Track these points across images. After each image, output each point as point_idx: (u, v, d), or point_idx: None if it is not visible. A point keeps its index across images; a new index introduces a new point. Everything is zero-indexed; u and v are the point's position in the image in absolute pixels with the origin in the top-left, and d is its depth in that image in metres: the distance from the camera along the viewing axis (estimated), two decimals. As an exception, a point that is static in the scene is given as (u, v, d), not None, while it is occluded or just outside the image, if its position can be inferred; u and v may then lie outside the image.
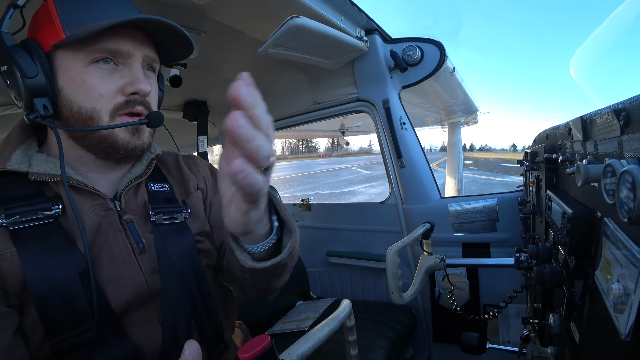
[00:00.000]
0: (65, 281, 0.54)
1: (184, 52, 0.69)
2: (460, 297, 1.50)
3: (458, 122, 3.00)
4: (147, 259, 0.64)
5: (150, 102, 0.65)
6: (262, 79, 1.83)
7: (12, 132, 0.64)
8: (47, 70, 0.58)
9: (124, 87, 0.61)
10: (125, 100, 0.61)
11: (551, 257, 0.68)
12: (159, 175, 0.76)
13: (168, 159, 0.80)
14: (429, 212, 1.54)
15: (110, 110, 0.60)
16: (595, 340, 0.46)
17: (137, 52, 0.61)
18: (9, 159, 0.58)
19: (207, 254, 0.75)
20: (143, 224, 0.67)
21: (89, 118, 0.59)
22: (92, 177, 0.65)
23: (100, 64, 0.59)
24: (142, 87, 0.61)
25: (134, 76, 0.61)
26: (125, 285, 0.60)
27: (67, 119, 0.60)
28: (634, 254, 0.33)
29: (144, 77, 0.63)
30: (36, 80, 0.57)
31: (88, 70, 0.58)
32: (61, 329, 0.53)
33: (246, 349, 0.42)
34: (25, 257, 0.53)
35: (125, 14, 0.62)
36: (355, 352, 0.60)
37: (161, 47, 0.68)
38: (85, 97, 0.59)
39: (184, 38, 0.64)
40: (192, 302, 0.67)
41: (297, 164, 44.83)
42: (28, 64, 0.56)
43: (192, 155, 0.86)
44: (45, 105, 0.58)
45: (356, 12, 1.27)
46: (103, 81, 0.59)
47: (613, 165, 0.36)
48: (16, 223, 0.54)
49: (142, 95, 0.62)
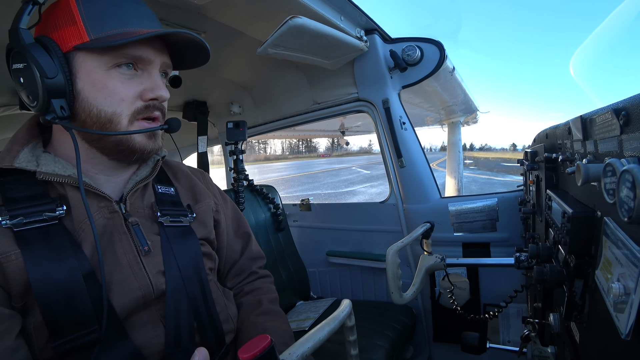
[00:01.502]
0: (69, 283, 0.54)
1: (199, 62, 0.71)
2: (460, 296, 1.50)
3: (458, 121, 3.00)
4: (152, 262, 0.64)
5: (165, 107, 0.67)
6: (262, 79, 1.83)
7: (19, 131, 0.64)
8: (65, 71, 0.57)
9: (143, 93, 0.62)
10: (144, 105, 0.63)
11: (551, 256, 0.68)
12: (165, 178, 0.77)
13: (176, 166, 0.83)
14: (429, 212, 1.54)
15: (130, 115, 0.61)
16: (596, 339, 0.46)
17: (157, 59, 0.63)
18: (17, 157, 0.58)
19: (209, 257, 0.76)
20: (149, 226, 0.67)
21: (108, 121, 0.60)
22: (99, 180, 0.65)
23: (123, 68, 0.60)
24: (162, 93, 0.64)
25: (154, 83, 0.63)
26: (130, 288, 0.60)
27: (83, 121, 0.60)
28: (634, 253, 0.33)
29: (162, 83, 0.65)
30: (55, 80, 0.56)
31: (110, 74, 0.59)
32: (64, 331, 0.53)
33: (246, 349, 0.42)
34: (29, 259, 0.53)
35: (149, 21, 0.63)
36: (355, 351, 0.60)
37: (176, 53, 0.69)
38: (106, 101, 0.59)
39: (203, 50, 0.67)
40: (195, 305, 0.67)
41: (297, 163, 44.82)
42: (48, 64, 0.55)
43: (202, 170, 0.91)
44: (63, 107, 0.58)
45: (356, 12, 1.27)
46: (124, 86, 0.60)
47: (613, 164, 0.36)
48: (20, 224, 0.54)
49: (160, 101, 0.64)
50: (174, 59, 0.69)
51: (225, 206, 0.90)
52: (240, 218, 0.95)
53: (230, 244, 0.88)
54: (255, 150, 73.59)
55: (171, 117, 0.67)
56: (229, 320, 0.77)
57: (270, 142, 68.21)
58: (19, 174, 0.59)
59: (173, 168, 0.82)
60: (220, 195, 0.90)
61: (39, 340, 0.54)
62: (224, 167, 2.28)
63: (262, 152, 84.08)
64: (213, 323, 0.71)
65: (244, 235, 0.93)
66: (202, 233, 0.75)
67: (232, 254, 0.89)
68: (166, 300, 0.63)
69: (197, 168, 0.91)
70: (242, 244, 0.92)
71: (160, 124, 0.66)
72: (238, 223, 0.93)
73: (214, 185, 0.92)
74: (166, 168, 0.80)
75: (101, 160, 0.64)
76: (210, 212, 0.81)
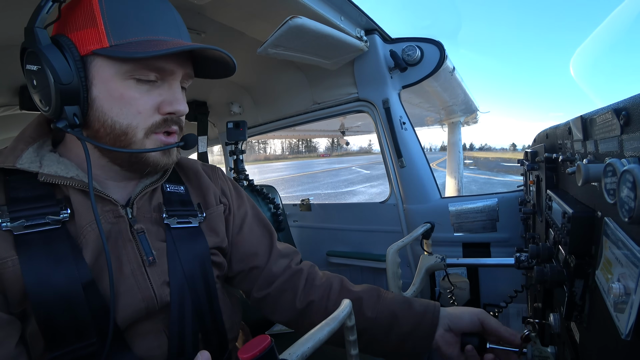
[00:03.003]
0: (67, 292, 0.51)
1: (223, 74, 0.66)
2: (460, 296, 1.50)
3: (458, 121, 2.99)
4: (157, 272, 0.61)
5: (183, 120, 0.63)
6: (262, 79, 1.83)
7: (27, 128, 0.61)
8: (82, 76, 0.53)
9: (161, 105, 0.58)
10: (162, 119, 0.59)
11: (551, 256, 0.68)
12: (175, 177, 0.73)
13: (188, 163, 0.78)
14: (429, 212, 1.54)
15: (146, 129, 0.58)
16: (596, 339, 0.46)
17: (179, 71, 0.59)
18: (20, 157, 0.55)
19: (218, 266, 0.73)
20: (155, 232, 0.64)
21: (123, 134, 0.56)
22: (108, 184, 0.62)
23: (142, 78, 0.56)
24: (181, 108, 0.60)
25: (174, 96, 0.59)
26: (133, 299, 0.57)
27: (97, 130, 0.57)
28: (635, 253, 0.33)
29: (182, 96, 0.61)
30: (70, 87, 0.52)
31: (127, 84, 0.55)
32: (62, 342, 0.51)
33: (246, 349, 0.42)
34: (27, 265, 0.50)
35: (175, 29, 0.59)
36: (355, 351, 0.60)
37: (199, 62, 0.65)
38: (122, 112, 0.56)
39: (229, 64, 0.62)
40: (200, 313, 0.65)
41: (297, 163, 44.83)
42: (64, 69, 0.52)
43: (214, 166, 0.84)
44: (76, 114, 0.54)
45: (356, 12, 1.27)
46: (142, 97, 0.56)
47: (613, 164, 0.36)
48: (21, 227, 0.51)
49: (178, 115, 0.60)
50: (196, 68, 0.65)
51: (240, 201, 0.82)
52: (261, 215, 0.86)
53: (250, 243, 0.79)
54: (255, 150, 73.63)
55: (188, 134, 0.64)
56: (233, 327, 0.74)
57: (270, 142, 68.25)
58: (25, 173, 0.56)
59: (184, 166, 0.77)
60: (234, 190, 0.83)
61: (34, 350, 0.52)
62: (224, 167, 2.29)
63: (262, 152, 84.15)
64: (218, 331, 0.68)
65: (267, 233, 0.84)
66: (214, 242, 0.71)
67: (253, 255, 0.79)
68: (170, 311, 0.60)
69: (211, 164, 0.85)
70: (268, 244, 0.82)
71: (176, 140, 0.62)
72: (260, 220, 0.84)
73: (226, 179, 0.84)
74: (177, 168, 0.76)
75: (112, 169, 0.62)
76: (221, 217, 0.75)
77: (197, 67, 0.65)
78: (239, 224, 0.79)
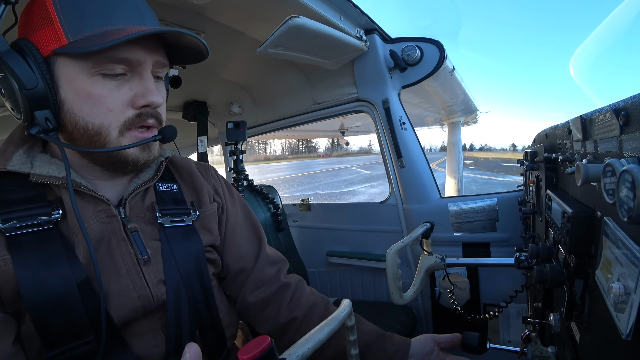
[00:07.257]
0: (62, 292, 0.51)
1: (199, 57, 0.64)
2: (460, 296, 1.50)
3: (458, 121, 3.00)
4: (152, 270, 0.61)
5: (160, 112, 0.61)
6: (262, 79, 1.83)
7: (15, 130, 0.60)
8: (47, 78, 0.52)
9: (134, 99, 0.56)
10: (136, 114, 0.56)
11: (551, 256, 0.68)
12: (169, 175, 0.72)
13: (181, 162, 0.77)
14: (429, 212, 1.54)
15: (120, 126, 0.56)
16: (596, 339, 0.46)
17: (148, 59, 0.56)
18: (10, 159, 0.55)
19: (213, 263, 0.73)
20: (149, 231, 0.63)
21: (97, 134, 0.55)
22: (97, 183, 0.62)
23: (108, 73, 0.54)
24: (155, 99, 0.57)
25: (146, 87, 0.56)
26: (129, 298, 0.57)
27: (71, 132, 0.55)
28: (634, 253, 0.33)
29: (155, 87, 0.58)
30: (36, 91, 0.51)
31: (94, 80, 0.53)
32: (58, 341, 0.51)
33: (246, 350, 0.42)
34: (20, 265, 0.50)
35: (136, 15, 0.55)
36: (355, 351, 0.60)
37: (173, 49, 0.62)
38: (92, 112, 0.54)
39: (200, 46, 0.60)
40: (197, 311, 0.65)
41: (297, 163, 44.83)
42: (26, 73, 0.50)
43: (208, 164, 0.83)
44: (48, 118, 0.53)
45: (355, 12, 1.27)
46: (112, 94, 0.54)
47: (613, 164, 0.36)
48: (13, 229, 0.51)
49: (154, 107, 0.58)
50: (170, 55, 0.62)
51: (232, 201, 0.81)
52: (252, 218, 0.85)
53: (237, 245, 0.78)
54: (255, 150, 73.58)
55: (166, 126, 0.62)
56: (231, 325, 0.74)
57: (270, 142, 68.20)
58: (16, 175, 0.55)
59: (178, 165, 0.76)
60: (227, 189, 0.82)
61: (30, 350, 0.52)
62: (224, 167, 2.28)
63: (262, 152, 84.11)
64: (215, 328, 0.68)
65: (255, 237, 0.82)
66: (208, 240, 0.71)
67: (239, 258, 0.77)
68: (167, 309, 0.60)
69: (204, 163, 0.84)
70: (255, 247, 0.81)
71: (154, 133, 0.60)
72: (251, 222, 0.83)
73: (220, 178, 0.83)
74: (171, 166, 0.75)
75: (95, 169, 0.61)
76: (215, 216, 0.75)
77: (171, 54, 0.63)
78: (230, 223, 0.79)
